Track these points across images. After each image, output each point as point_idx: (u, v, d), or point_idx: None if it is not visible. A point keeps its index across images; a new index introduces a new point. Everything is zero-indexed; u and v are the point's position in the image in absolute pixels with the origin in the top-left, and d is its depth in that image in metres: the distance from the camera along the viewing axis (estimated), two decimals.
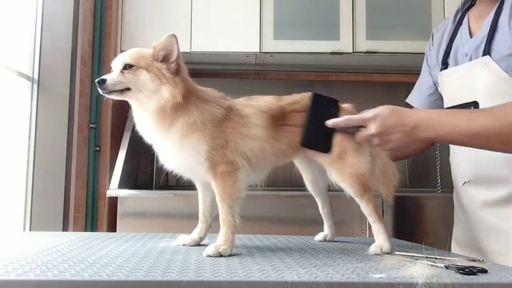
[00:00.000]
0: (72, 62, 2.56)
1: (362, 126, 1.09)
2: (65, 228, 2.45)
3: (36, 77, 2.48)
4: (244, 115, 1.11)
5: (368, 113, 1.10)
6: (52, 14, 2.56)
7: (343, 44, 2.85)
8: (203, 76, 1.17)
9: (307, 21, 2.91)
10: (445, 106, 1.38)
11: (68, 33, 2.57)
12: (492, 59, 1.19)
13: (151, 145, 1.14)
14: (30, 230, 2.35)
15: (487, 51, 1.21)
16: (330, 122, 1.10)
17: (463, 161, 1.31)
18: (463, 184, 1.30)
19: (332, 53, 2.85)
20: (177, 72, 1.09)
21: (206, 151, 1.05)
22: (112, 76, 1.08)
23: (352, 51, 2.86)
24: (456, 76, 1.31)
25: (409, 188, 2.99)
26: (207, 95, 1.12)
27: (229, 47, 2.86)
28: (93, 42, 2.82)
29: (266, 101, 1.16)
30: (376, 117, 1.07)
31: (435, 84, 1.43)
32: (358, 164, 1.12)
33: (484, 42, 1.22)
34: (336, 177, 1.14)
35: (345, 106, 1.19)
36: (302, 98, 1.17)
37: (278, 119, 1.14)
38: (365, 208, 1.13)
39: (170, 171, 1.15)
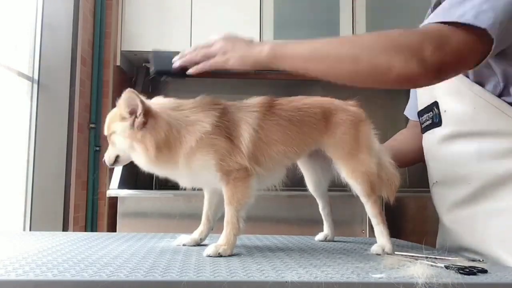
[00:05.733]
0: (72, 62, 2.56)
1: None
2: (65, 228, 2.45)
3: (36, 77, 2.48)
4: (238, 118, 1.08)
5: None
6: (52, 14, 2.56)
7: None
8: (203, 76, 1.16)
9: (307, 21, 2.91)
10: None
11: (68, 33, 2.57)
12: None
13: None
14: (30, 230, 2.35)
15: None
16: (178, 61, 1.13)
17: (432, 162, 1.28)
18: (432, 186, 1.29)
19: None
20: (144, 124, 1.02)
21: (214, 165, 1.03)
22: (106, 153, 1.12)
23: None
24: None
25: (409, 188, 2.99)
26: (190, 113, 1.06)
27: None
28: (93, 42, 2.82)
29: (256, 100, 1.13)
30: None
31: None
32: (369, 163, 1.13)
33: None
34: (346, 174, 1.13)
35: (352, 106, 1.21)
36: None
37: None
38: (371, 209, 1.12)
39: None
